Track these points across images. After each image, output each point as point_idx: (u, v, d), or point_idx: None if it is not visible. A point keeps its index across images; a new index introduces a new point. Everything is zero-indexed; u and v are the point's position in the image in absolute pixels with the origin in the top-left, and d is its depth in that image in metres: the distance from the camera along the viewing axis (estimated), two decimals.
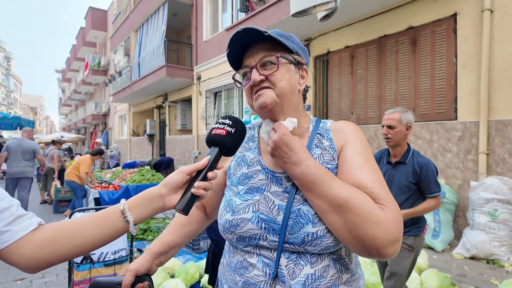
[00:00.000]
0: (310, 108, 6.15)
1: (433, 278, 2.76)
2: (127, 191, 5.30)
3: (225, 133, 0.74)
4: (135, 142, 15.75)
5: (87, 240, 0.67)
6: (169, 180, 0.72)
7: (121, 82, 13.80)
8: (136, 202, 0.72)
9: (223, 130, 0.74)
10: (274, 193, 0.80)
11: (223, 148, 0.75)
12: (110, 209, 0.72)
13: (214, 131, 0.75)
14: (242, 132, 0.77)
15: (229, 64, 0.89)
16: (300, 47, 0.89)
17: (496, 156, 3.79)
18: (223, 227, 0.82)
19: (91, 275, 2.24)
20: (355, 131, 0.84)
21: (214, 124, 0.77)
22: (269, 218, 0.77)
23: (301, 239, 0.73)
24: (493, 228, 3.50)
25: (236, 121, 0.77)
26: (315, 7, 4.15)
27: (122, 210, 0.70)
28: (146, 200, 0.72)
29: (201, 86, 9.82)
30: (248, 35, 0.81)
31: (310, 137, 0.86)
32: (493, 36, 3.80)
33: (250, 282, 0.77)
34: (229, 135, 0.74)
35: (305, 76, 0.88)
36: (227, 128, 0.74)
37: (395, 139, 2.13)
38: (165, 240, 0.95)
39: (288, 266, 0.74)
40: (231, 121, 0.76)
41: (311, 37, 6.06)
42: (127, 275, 0.84)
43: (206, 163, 0.73)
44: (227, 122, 0.76)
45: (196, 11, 10.04)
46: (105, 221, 0.69)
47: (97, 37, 21.86)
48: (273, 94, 0.80)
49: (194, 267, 3.02)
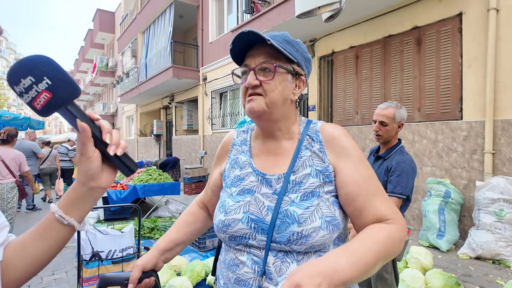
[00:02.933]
0: (315, 108, 6.17)
1: (438, 277, 2.76)
2: (134, 190, 5.38)
3: (50, 95, 0.52)
4: (142, 142, 15.91)
5: (35, 258, 0.61)
6: (81, 168, 0.60)
7: (129, 83, 13.96)
8: (70, 203, 0.62)
9: (42, 94, 0.52)
10: (264, 194, 0.83)
11: (63, 102, 0.55)
12: (45, 220, 0.62)
13: (36, 102, 0.52)
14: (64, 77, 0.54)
15: (231, 58, 0.90)
16: (304, 57, 0.89)
17: (502, 156, 3.77)
18: (217, 226, 0.86)
19: (99, 272, 2.30)
20: (346, 138, 0.85)
21: (22, 97, 0.53)
22: (259, 218, 0.80)
23: (287, 238, 0.76)
24: (499, 228, 3.48)
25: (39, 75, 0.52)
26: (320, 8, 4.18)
27: (57, 218, 0.60)
28: (80, 198, 0.62)
29: (207, 87, 9.89)
30: (253, 36, 0.82)
31: (299, 139, 0.88)
32: (499, 35, 3.78)
33: (241, 279, 0.81)
34: (55, 89, 0.53)
35: (301, 86, 0.89)
36: (44, 86, 0.52)
37: (385, 137, 2.02)
38: (171, 237, 0.99)
39: (275, 263, 0.78)
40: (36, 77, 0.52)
41: (316, 38, 6.08)
42: (134, 270, 0.86)
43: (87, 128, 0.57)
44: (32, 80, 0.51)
45: (202, 13, 10.11)
46: (47, 234, 0.61)
47: (105, 38, 22.13)
48: (263, 103, 0.83)
49: (200, 265, 3.07)
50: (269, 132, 0.90)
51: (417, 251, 3.24)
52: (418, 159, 4.55)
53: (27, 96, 0.52)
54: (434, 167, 4.40)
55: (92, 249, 2.34)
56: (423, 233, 4.13)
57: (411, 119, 4.73)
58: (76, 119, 0.57)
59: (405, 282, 2.72)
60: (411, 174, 1.90)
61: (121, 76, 15.41)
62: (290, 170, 0.83)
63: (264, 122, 0.88)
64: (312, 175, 0.82)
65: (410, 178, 1.89)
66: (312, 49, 6.14)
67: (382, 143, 2.09)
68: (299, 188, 0.81)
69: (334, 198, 0.82)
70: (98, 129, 0.60)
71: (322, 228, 0.76)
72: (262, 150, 0.92)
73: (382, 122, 2.00)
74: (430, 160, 4.44)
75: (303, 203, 0.78)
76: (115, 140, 0.60)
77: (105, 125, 0.60)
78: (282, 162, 0.87)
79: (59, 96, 0.53)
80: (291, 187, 0.81)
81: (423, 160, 4.52)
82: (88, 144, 0.58)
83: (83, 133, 0.57)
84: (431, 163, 4.44)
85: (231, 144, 0.99)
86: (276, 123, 0.88)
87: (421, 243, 4.09)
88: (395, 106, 2.02)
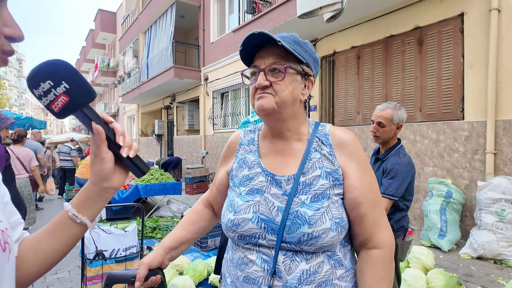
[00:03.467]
0: (316, 108, 6.18)
1: (439, 277, 2.77)
2: (136, 190, 5.41)
3: (67, 98, 0.55)
4: (144, 142, 15.94)
5: (49, 254, 0.63)
6: (94, 169, 0.62)
7: (130, 83, 13.99)
8: (82, 201, 0.64)
9: (60, 97, 0.54)
10: (274, 195, 0.84)
11: (79, 106, 0.57)
12: (58, 218, 0.64)
13: (54, 105, 0.55)
14: (81, 81, 0.56)
15: (241, 59, 0.91)
16: (312, 57, 0.90)
17: (503, 156, 3.77)
18: (226, 226, 0.87)
19: (103, 271, 2.32)
20: (356, 144, 0.88)
21: (40, 100, 0.55)
22: (269, 218, 0.81)
23: (298, 239, 0.78)
24: (500, 228, 3.48)
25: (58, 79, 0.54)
26: (322, 8, 4.19)
27: (70, 216, 0.63)
28: (92, 198, 0.64)
29: (208, 87, 9.91)
30: (263, 37, 0.82)
31: (309, 141, 0.89)
32: (500, 35, 3.79)
33: (250, 277, 0.82)
34: (72, 93, 0.55)
35: (310, 87, 0.90)
36: (62, 90, 0.54)
37: (383, 138, 2.00)
38: (177, 235, 0.99)
39: (285, 262, 0.79)
40: (54, 81, 0.54)
41: (318, 38, 6.08)
42: (141, 268, 0.87)
43: (102, 130, 0.59)
44: (51, 84, 0.54)
45: (204, 13, 10.13)
46: (59, 232, 0.64)
47: (106, 39, 22.18)
48: (273, 102, 0.83)
49: (202, 265, 3.08)
50: (278, 132, 0.91)
51: (418, 251, 3.25)
52: (419, 159, 4.56)
53: (46, 99, 0.54)
54: (436, 167, 4.40)
55: (95, 248, 2.35)
56: (424, 233, 4.14)
57: (413, 119, 4.74)
58: (91, 121, 0.59)
59: (406, 282, 2.72)
60: (406, 176, 1.89)
61: (122, 76, 15.45)
62: (300, 172, 0.84)
63: (273, 121, 0.88)
64: (322, 177, 0.83)
65: (405, 180, 1.88)
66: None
67: (380, 143, 2.08)
68: (309, 189, 0.82)
69: (342, 200, 0.84)
70: (111, 132, 0.62)
71: (332, 229, 0.78)
72: (270, 150, 0.92)
73: (379, 123, 1.99)
74: (431, 160, 4.45)
75: (314, 204, 0.80)
76: (128, 142, 0.61)
77: (118, 128, 0.62)
78: (291, 163, 0.87)
79: (76, 99, 0.56)
80: (301, 188, 0.82)
81: (424, 160, 4.52)
82: (102, 146, 0.60)
83: (97, 135, 0.59)
84: (432, 163, 4.44)
85: (238, 143, 1.00)
86: (285, 123, 0.88)
87: (422, 243, 4.10)
88: (393, 107, 1.99)
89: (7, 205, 0.63)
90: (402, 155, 1.97)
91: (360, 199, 0.82)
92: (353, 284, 0.85)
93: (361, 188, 0.83)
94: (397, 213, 2.00)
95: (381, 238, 0.84)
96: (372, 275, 0.81)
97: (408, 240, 2.08)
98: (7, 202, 0.63)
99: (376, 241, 0.83)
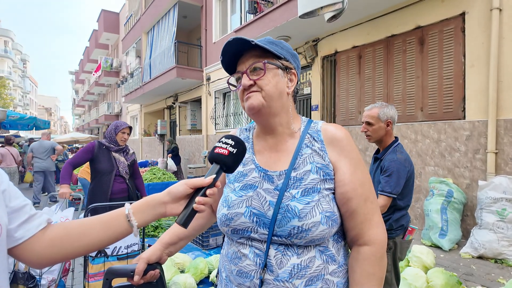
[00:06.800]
0: (318, 108, 6.19)
1: (439, 276, 2.77)
2: None
3: (227, 153, 0.76)
4: (147, 142, 16.02)
5: (93, 240, 0.72)
6: (173, 190, 0.74)
7: (133, 83, 14.06)
8: (140, 208, 0.74)
9: (225, 150, 0.77)
10: (266, 190, 0.86)
11: (224, 166, 0.77)
12: (115, 212, 0.74)
13: (217, 150, 0.77)
14: (243, 153, 0.79)
15: (223, 69, 0.96)
16: (290, 53, 0.93)
17: (505, 156, 3.77)
18: (220, 220, 0.90)
19: (105, 268, 2.35)
20: (348, 140, 0.89)
21: (217, 143, 0.79)
22: (261, 212, 0.84)
23: (288, 232, 0.80)
24: (501, 228, 3.48)
25: (238, 141, 0.79)
26: (323, 8, 4.20)
27: (127, 214, 0.73)
28: (150, 206, 0.75)
29: (210, 87, 9.95)
30: (239, 44, 0.86)
31: (300, 136, 0.91)
32: (502, 35, 3.78)
33: (243, 271, 0.85)
34: (231, 156, 0.77)
35: (293, 79, 0.93)
36: (229, 148, 0.77)
37: (375, 136, 2.08)
38: (175, 231, 1.02)
39: (276, 256, 0.81)
40: (234, 141, 0.78)
41: (319, 38, 6.10)
42: (139, 263, 0.89)
43: (211, 181, 0.74)
44: (229, 143, 0.78)
45: (206, 13, 10.17)
46: (111, 223, 0.73)
47: (109, 39, 22.28)
48: (260, 97, 0.86)
49: (203, 263, 3.11)
50: (270, 129, 0.93)
51: (419, 250, 3.25)
52: (420, 159, 4.56)
53: (218, 143, 0.79)
54: (437, 167, 4.40)
55: None
56: (425, 232, 4.14)
57: (414, 118, 4.74)
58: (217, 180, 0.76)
59: (406, 281, 2.73)
60: (402, 173, 1.92)
61: (125, 76, 15.53)
62: (291, 167, 0.86)
63: (263, 117, 0.90)
64: (313, 171, 0.85)
65: (401, 177, 1.92)
66: (315, 49, 6.16)
67: (375, 142, 2.14)
68: (300, 184, 0.84)
69: (333, 195, 0.85)
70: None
71: (322, 222, 0.79)
72: (264, 147, 0.95)
73: (368, 122, 2.08)
74: (432, 160, 4.45)
75: (304, 198, 0.81)
76: (203, 201, 0.73)
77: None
78: (283, 159, 0.90)
79: (228, 161, 0.77)
80: (292, 183, 0.84)
81: (425, 160, 4.52)
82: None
83: (212, 195, 0.74)
84: (433, 162, 4.44)
85: None
86: (275, 117, 0.90)
87: (423, 242, 4.10)
88: (379, 106, 2.08)
89: (5, 192, 0.66)
90: (399, 153, 2.01)
91: (350, 194, 0.83)
92: (345, 279, 0.87)
93: (351, 183, 0.84)
94: (396, 212, 2.02)
95: (372, 235, 0.84)
96: (361, 272, 0.83)
97: (408, 239, 2.09)
98: (4, 190, 0.66)
99: (366, 237, 0.84)
